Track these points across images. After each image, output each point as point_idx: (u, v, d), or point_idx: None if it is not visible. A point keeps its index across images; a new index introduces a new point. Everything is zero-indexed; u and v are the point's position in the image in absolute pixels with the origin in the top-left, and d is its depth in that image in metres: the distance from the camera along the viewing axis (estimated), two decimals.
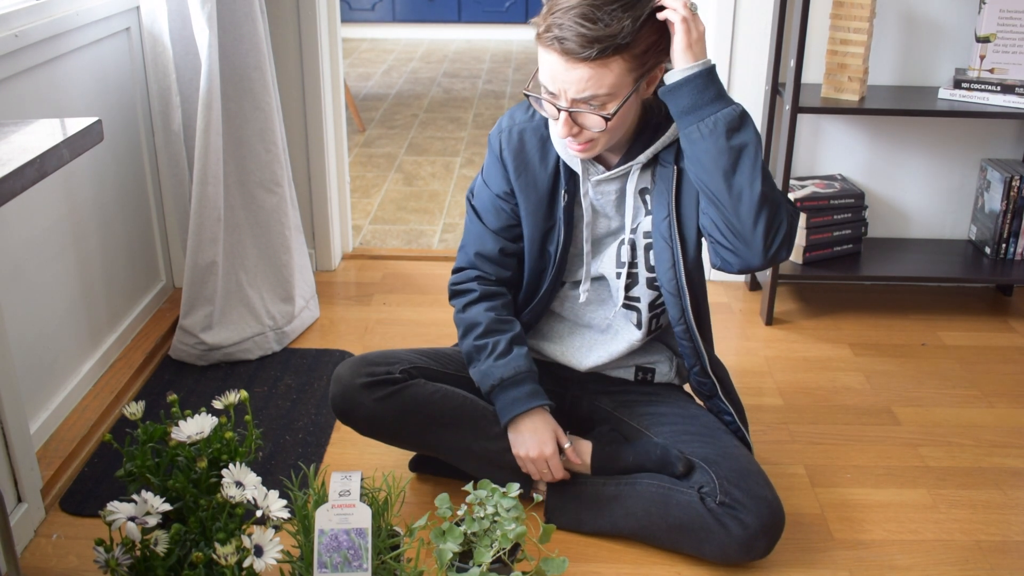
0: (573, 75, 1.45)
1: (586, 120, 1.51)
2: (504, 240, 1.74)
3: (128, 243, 2.29)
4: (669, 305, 1.68)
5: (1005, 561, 1.70)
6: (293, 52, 2.57)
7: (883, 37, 2.56)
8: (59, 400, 1.96)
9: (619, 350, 1.77)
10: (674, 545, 1.66)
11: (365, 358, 1.73)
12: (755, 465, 1.67)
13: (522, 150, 1.68)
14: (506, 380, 1.68)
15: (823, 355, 2.40)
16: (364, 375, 1.68)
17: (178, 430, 1.40)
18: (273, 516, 1.37)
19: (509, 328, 1.73)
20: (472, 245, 1.76)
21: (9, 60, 1.75)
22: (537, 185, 1.68)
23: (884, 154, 2.69)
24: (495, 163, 1.71)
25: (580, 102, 1.48)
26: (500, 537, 1.44)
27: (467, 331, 1.74)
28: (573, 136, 1.52)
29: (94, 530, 1.71)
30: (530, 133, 1.68)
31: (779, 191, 1.55)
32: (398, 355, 1.75)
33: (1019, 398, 2.22)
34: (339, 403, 1.71)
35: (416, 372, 1.72)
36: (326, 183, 2.72)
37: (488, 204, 1.73)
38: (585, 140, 1.54)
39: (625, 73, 1.46)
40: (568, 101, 1.48)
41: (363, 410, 1.69)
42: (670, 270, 1.64)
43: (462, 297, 1.77)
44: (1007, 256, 2.60)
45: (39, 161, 1.13)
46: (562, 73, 1.46)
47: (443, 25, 6.70)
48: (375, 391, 1.68)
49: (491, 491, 1.49)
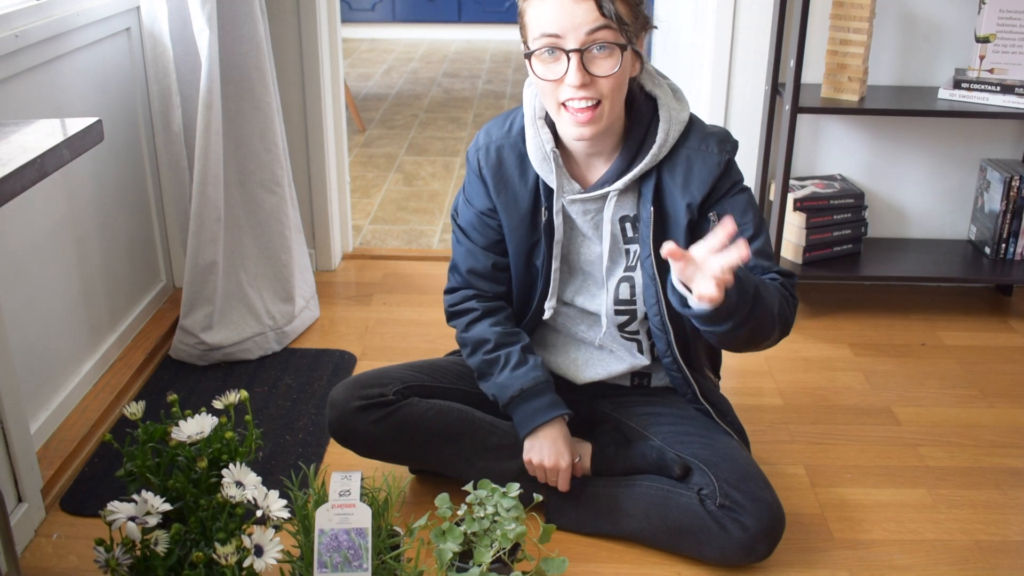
0: (582, 5, 1.41)
1: (599, 67, 1.46)
2: (495, 255, 1.71)
3: (128, 243, 2.29)
4: (655, 338, 1.68)
5: (1005, 561, 1.70)
6: (293, 52, 2.58)
7: (883, 37, 2.56)
8: (59, 400, 1.96)
9: (619, 369, 1.76)
10: (674, 547, 1.66)
11: (358, 380, 1.73)
12: (755, 467, 1.67)
13: (500, 167, 1.65)
14: (526, 391, 1.66)
15: (823, 355, 2.40)
16: (358, 398, 1.69)
17: (178, 430, 1.40)
18: (273, 516, 1.37)
19: (518, 339, 1.71)
20: (463, 263, 1.73)
21: (9, 60, 1.75)
22: (518, 202, 1.65)
23: (884, 154, 2.69)
24: (475, 180, 1.68)
25: (593, 34, 1.43)
26: (500, 537, 1.44)
27: (476, 348, 1.71)
28: (586, 87, 1.46)
29: (94, 530, 1.71)
30: (508, 149, 1.64)
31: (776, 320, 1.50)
32: (391, 374, 1.74)
33: (1019, 398, 2.22)
34: (335, 428, 1.72)
35: (409, 391, 1.72)
36: (326, 183, 2.72)
37: (473, 221, 1.71)
38: (594, 101, 1.48)
39: (627, 11, 1.44)
40: (580, 39, 1.43)
41: (360, 434, 1.70)
42: (655, 306, 1.63)
43: (463, 317, 1.74)
44: (1007, 256, 2.60)
45: (40, 161, 1.13)
46: (569, 5, 1.42)
47: (443, 25, 6.69)
48: (370, 414, 1.68)
49: (491, 491, 1.49)
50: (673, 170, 1.59)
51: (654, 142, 1.57)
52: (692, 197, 1.58)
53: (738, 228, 1.45)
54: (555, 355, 1.81)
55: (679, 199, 1.59)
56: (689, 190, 1.58)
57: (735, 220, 1.46)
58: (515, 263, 1.71)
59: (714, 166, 1.58)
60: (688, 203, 1.58)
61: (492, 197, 1.66)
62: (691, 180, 1.58)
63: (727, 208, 1.59)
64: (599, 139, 1.57)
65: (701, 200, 1.58)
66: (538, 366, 1.68)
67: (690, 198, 1.58)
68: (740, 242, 1.30)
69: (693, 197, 1.58)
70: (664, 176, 1.60)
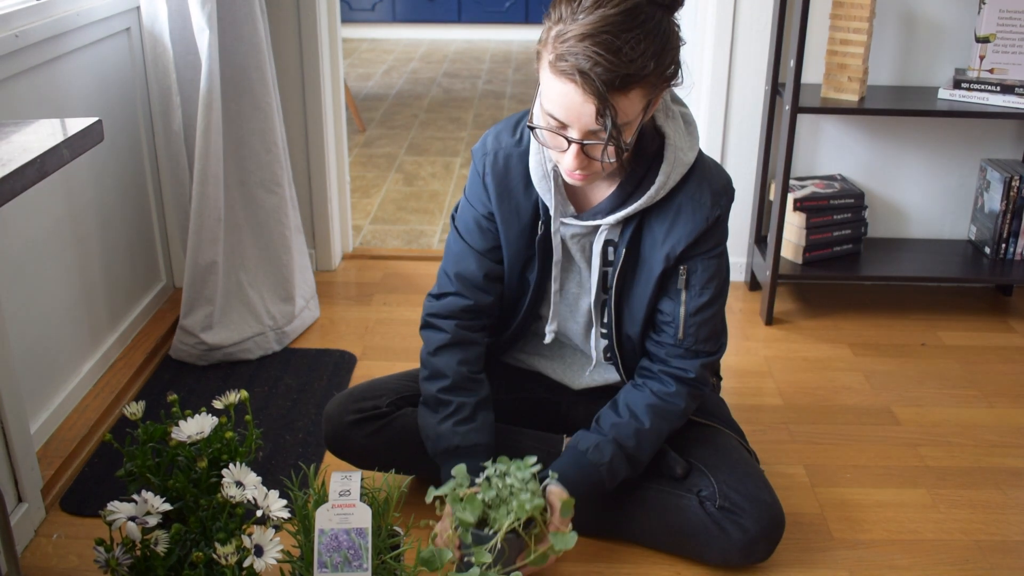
0: (590, 107, 1.34)
1: (597, 151, 1.42)
2: (489, 262, 1.65)
3: (128, 243, 2.29)
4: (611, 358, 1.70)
5: (1004, 561, 1.70)
6: (293, 52, 2.58)
7: (883, 37, 2.56)
8: (59, 400, 1.96)
9: (615, 378, 1.75)
10: (674, 549, 1.66)
11: (352, 394, 1.74)
12: (754, 468, 1.67)
13: (506, 176, 1.60)
14: (461, 449, 1.62)
15: (823, 355, 2.40)
16: (352, 412, 1.70)
17: (178, 430, 1.40)
18: (273, 516, 1.37)
19: (476, 390, 1.66)
20: (453, 266, 1.67)
21: (9, 60, 1.75)
22: (519, 214, 1.61)
23: (884, 154, 2.69)
24: (478, 183, 1.64)
25: (593, 134, 1.38)
26: (516, 507, 1.43)
27: (432, 377, 1.66)
28: (582, 168, 1.43)
29: (94, 530, 1.71)
30: (516, 160, 1.59)
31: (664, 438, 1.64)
32: (385, 386, 1.75)
33: (1019, 398, 2.22)
34: (331, 442, 1.73)
35: (403, 402, 1.72)
36: (326, 183, 2.72)
37: (472, 224, 1.66)
38: (588, 172, 1.45)
39: (640, 99, 1.39)
40: (581, 133, 1.38)
41: (355, 447, 1.71)
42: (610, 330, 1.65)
43: (434, 334, 1.68)
44: (1007, 256, 2.60)
45: (40, 161, 1.13)
46: (579, 105, 1.35)
47: (443, 25, 6.69)
48: (364, 427, 1.70)
49: (508, 465, 1.49)
50: (663, 214, 1.55)
51: (652, 184, 1.52)
52: (671, 247, 1.55)
53: (698, 292, 1.58)
54: (551, 362, 1.80)
55: (659, 244, 1.56)
56: (670, 239, 1.55)
57: (697, 287, 1.57)
58: (508, 272, 1.67)
59: (702, 220, 1.54)
60: (667, 253, 1.56)
61: (493, 204, 1.63)
62: (676, 229, 1.55)
63: (697, 267, 1.58)
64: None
65: (680, 251, 1.56)
66: (483, 428, 1.64)
67: (669, 248, 1.55)
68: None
69: (672, 248, 1.55)
70: (653, 218, 1.56)
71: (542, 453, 1.70)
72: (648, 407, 1.60)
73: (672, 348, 1.61)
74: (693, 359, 1.61)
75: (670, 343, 1.61)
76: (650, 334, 1.65)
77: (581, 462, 1.58)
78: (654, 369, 1.64)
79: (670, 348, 1.62)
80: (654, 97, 1.42)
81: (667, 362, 1.62)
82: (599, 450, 1.58)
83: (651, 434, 1.60)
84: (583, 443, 1.60)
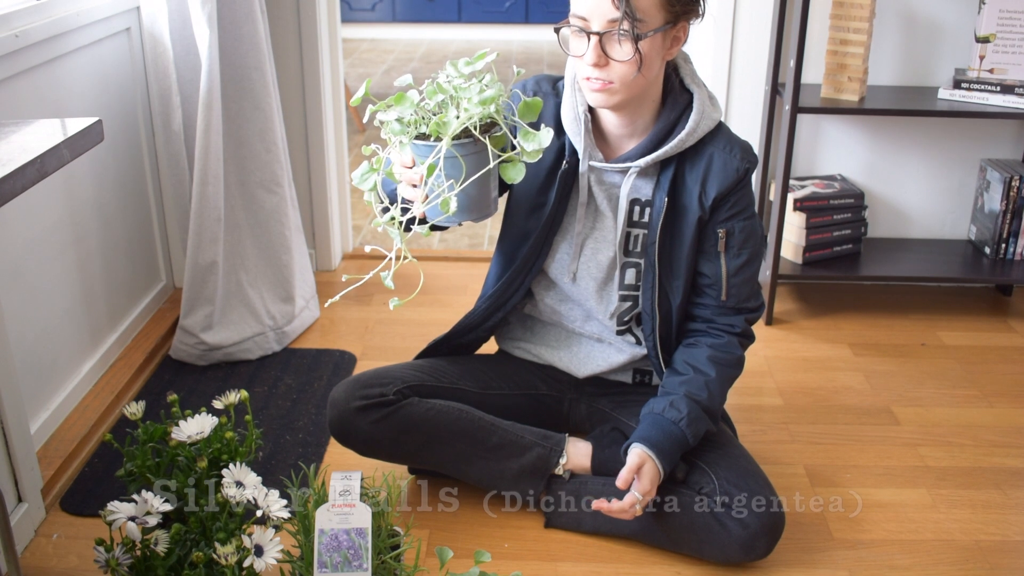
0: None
1: (616, 51, 1.49)
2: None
3: (128, 243, 2.29)
4: (643, 321, 1.71)
5: (1005, 561, 1.70)
6: (293, 52, 2.58)
7: (883, 37, 2.56)
8: (59, 400, 1.96)
9: (620, 361, 1.78)
10: (674, 546, 1.66)
11: (359, 380, 1.74)
12: (755, 466, 1.67)
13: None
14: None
15: (823, 355, 2.40)
16: (358, 398, 1.69)
17: (178, 430, 1.41)
18: (273, 516, 1.37)
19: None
20: None
21: (9, 60, 1.75)
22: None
23: (884, 154, 2.69)
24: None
25: (612, 23, 1.46)
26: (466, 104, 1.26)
27: None
28: (600, 67, 1.50)
29: (94, 530, 1.71)
30: (550, 99, 1.68)
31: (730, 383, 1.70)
32: (392, 374, 1.74)
33: (1019, 398, 2.22)
34: (336, 428, 1.72)
35: (410, 391, 1.72)
36: (326, 183, 2.72)
37: None
38: (607, 79, 1.51)
39: (658, 8, 1.47)
40: (602, 24, 1.47)
41: (360, 434, 1.70)
42: (649, 291, 1.68)
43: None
44: (1007, 256, 2.60)
45: (40, 161, 1.13)
46: None
47: (443, 25, 6.69)
48: (370, 414, 1.69)
49: (456, 65, 1.36)
50: (695, 164, 1.63)
51: (683, 130, 1.60)
52: (707, 194, 1.63)
53: (736, 252, 1.66)
54: (556, 350, 1.82)
55: (694, 192, 1.63)
56: (705, 186, 1.63)
57: (736, 248, 1.64)
58: (514, 217, 1.72)
59: (733, 171, 1.62)
60: (701, 198, 1.63)
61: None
62: (709, 177, 1.62)
63: (735, 229, 1.65)
64: (629, 116, 1.60)
65: (714, 199, 1.62)
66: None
67: (704, 194, 1.63)
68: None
69: (707, 194, 1.63)
70: (685, 168, 1.64)
71: (545, 449, 1.71)
72: (709, 359, 1.67)
73: (716, 308, 1.70)
74: (737, 315, 1.70)
75: (714, 304, 1.70)
76: (693, 299, 1.71)
77: (660, 423, 1.62)
78: (702, 328, 1.72)
79: (715, 308, 1.70)
80: (675, 20, 1.50)
81: (713, 320, 1.71)
82: (674, 407, 1.62)
83: (719, 383, 1.66)
84: (657, 406, 1.64)
